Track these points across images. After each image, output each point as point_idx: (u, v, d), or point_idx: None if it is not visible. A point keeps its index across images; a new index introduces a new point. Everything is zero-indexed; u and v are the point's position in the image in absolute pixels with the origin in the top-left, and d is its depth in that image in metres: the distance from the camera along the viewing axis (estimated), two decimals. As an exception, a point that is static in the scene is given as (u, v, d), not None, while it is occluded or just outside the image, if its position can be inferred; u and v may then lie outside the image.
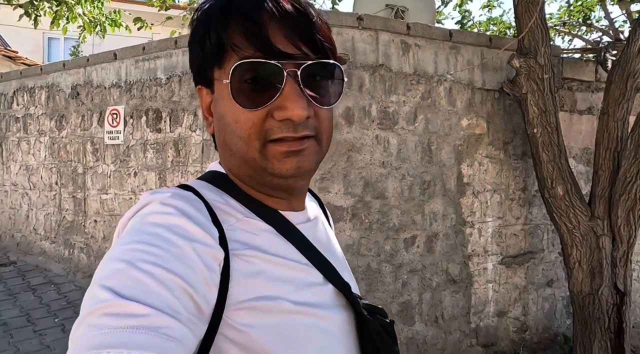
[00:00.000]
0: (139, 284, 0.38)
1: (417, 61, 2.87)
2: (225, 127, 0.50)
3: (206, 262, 0.43)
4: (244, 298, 0.45)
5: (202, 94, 0.53)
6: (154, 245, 0.41)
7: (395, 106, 2.78)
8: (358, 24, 2.70)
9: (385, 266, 2.72)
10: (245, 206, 0.52)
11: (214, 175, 0.55)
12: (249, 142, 0.48)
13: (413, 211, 2.81)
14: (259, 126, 0.47)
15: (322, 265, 0.54)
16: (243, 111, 0.47)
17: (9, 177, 4.62)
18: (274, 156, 0.48)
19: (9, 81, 4.62)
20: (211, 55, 0.49)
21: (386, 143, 2.73)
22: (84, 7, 5.26)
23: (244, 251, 0.47)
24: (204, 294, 0.42)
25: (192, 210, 0.45)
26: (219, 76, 0.49)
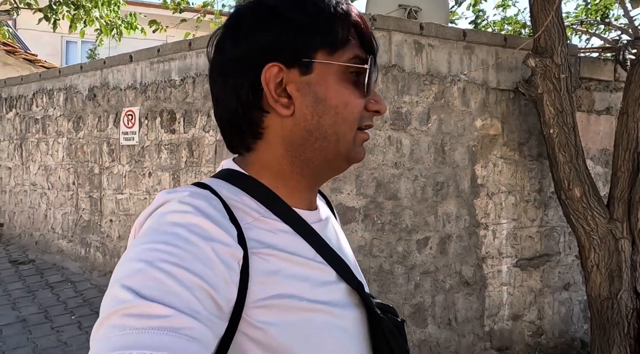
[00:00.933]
0: (159, 284, 0.39)
1: (431, 61, 2.85)
2: (326, 110, 0.51)
3: (225, 262, 0.43)
4: (263, 296, 0.46)
5: (270, 72, 0.50)
6: (173, 245, 0.41)
7: (408, 107, 2.76)
8: (371, 24, 2.70)
9: (398, 267, 2.70)
10: (261, 204, 0.52)
11: (229, 173, 0.54)
12: (352, 125, 0.52)
13: (426, 212, 2.78)
14: (361, 112, 0.53)
15: (336, 263, 0.54)
16: (355, 97, 0.51)
17: (28, 177, 4.73)
18: (358, 142, 0.54)
19: (29, 84, 4.74)
20: (325, 40, 0.50)
21: (399, 144, 2.72)
22: (100, 11, 5.36)
23: (262, 249, 0.48)
24: (223, 293, 0.42)
25: (210, 209, 0.45)
26: (326, 59, 0.51)
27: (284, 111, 0.51)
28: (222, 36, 0.54)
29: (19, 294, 3.52)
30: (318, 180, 0.57)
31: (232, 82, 0.52)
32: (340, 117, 0.51)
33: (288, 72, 0.51)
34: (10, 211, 4.97)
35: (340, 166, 0.55)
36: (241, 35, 0.52)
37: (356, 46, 0.52)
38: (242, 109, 0.52)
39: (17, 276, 3.93)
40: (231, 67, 0.52)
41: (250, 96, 0.51)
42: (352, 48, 0.52)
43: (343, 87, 0.51)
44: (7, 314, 3.19)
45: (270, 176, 0.54)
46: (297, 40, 0.50)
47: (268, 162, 0.54)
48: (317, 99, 0.51)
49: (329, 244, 0.55)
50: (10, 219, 4.98)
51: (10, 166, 4.94)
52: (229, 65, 0.53)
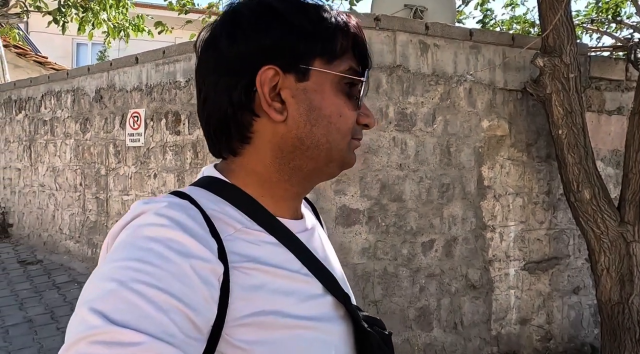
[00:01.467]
0: (131, 307, 0.36)
1: (436, 61, 2.81)
2: (320, 119, 0.50)
3: (204, 279, 0.41)
4: (244, 313, 0.43)
5: (266, 75, 0.48)
6: (148, 262, 0.39)
7: (413, 107, 2.73)
8: (375, 24, 2.67)
9: (403, 270, 2.67)
10: (244, 214, 0.49)
11: (210, 180, 0.52)
12: (345, 135, 0.52)
13: (431, 214, 2.75)
14: (354, 123, 0.52)
15: (322, 275, 0.52)
16: (348, 108, 0.51)
17: (37, 178, 4.78)
18: (352, 148, 0.54)
19: (38, 86, 4.79)
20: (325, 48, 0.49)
21: (403, 145, 2.69)
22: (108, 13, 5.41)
23: (244, 263, 0.45)
24: (203, 313, 0.40)
25: (188, 221, 0.43)
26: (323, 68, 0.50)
27: (277, 116, 0.49)
28: (216, 33, 0.52)
29: (26, 295, 3.56)
30: (306, 187, 0.55)
31: (225, 82, 0.49)
32: (333, 127, 0.51)
33: (284, 76, 0.49)
34: (19, 212, 5.03)
35: (332, 172, 0.54)
36: (239, 33, 0.50)
37: (352, 58, 0.51)
38: (232, 110, 0.49)
39: (25, 276, 3.97)
40: (226, 66, 0.50)
41: (243, 98, 0.49)
42: (348, 59, 0.51)
43: (338, 97, 0.51)
44: (14, 315, 3.22)
45: (255, 183, 0.52)
46: (298, 45, 0.49)
47: (254, 169, 0.51)
48: (312, 107, 0.49)
49: (315, 254, 0.53)
50: (19, 220, 5.04)
51: (20, 167, 5.01)
52: (224, 63, 0.50)
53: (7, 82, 5.63)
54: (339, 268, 0.61)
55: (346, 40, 0.51)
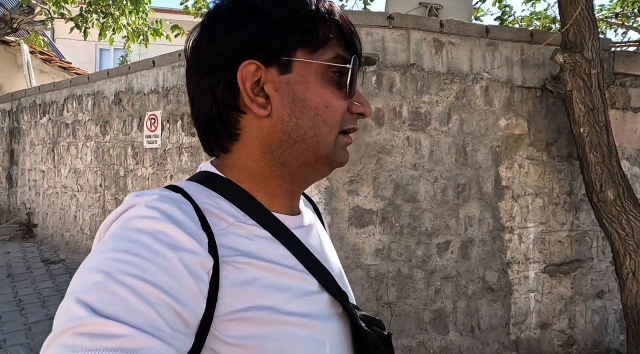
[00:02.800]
0: (117, 299, 0.36)
1: (451, 59, 2.76)
2: (306, 111, 0.48)
3: (193, 272, 0.40)
4: (234, 309, 0.42)
5: (247, 70, 0.47)
6: (136, 254, 0.38)
7: (427, 106, 2.69)
8: (388, 23, 2.64)
9: (417, 271, 2.62)
10: (238, 208, 0.49)
11: (205, 175, 0.51)
12: (333, 128, 0.49)
13: (447, 215, 2.69)
14: (343, 114, 0.50)
15: (318, 272, 0.51)
16: (337, 98, 0.49)
17: (59, 179, 4.93)
18: (341, 145, 0.51)
19: (60, 90, 4.94)
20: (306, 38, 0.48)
21: (418, 145, 2.64)
22: (128, 18, 5.54)
23: (235, 257, 0.44)
24: (190, 307, 0.39)
25: (179, 214, 0.42)
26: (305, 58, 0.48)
27: (261, 111, 0.48)
28: (200, 33, 0.51)
29: (48, 293, 3.66)
30: (299, 184, 0.54)
31: (207, 80, 0.49)
32: (320, 119, 0.48)
33: (266, 70, 0.48)
34: (43, 213, 5.19)
35: (322, 170, 0.52)
36: (218, 31, 0.49)
37: (338, 45, 0.49)
38: (217, 108, 0.49)
39: (48, 275, 4.09)
40: (207, 65, 0.49)
41: (226, 95, 0.48)
42: (333, 47, 0.49)
43: (324, 87, 0.49)
44: (37, 312, 3.32)
45: (249, 179, 0.51)
46: (277, 37, 0.48)
47: (245, 165, 0.51)
48: (296, 99, 0.48)
49: (311, 251, 0.51)
50: (43, 220, 5.20)
51: (44, 169, 5.17)
52: (205, 62, 0.50)
53: (33, 87, 5.82)
54: (338, 267, 0.59)
55: (329, 27, 0.49)
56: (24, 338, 2.93)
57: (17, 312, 3.31)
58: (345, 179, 2.54)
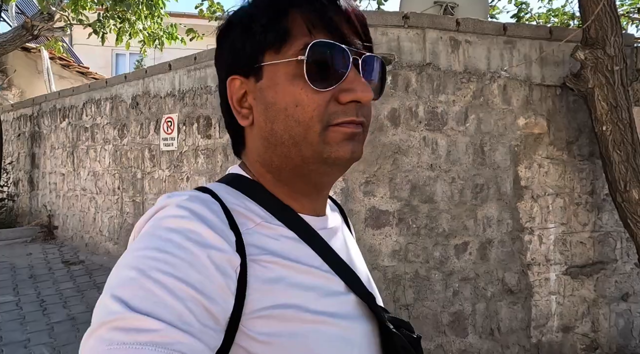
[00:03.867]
0: (150, 295, 0.37)
1: (468, 58, 2.72)
2: (276, 114, 0.47)
3: (222, 269, 0.41)
4: (262, 306, 0.43)
5: (234, 86, 0.50)
6: (167, 252, 0.40)
7: (444, 106, 2.65)
8: (404, 22, 2.62)
9: (435, 273, 2.59)
10: (264, 209, 0.50)
11: (233, 177, 0.53)
12: (309, 125, 0.46)
13: (464, 215, 2.65)
14: (323, 108, 0.46)
15: (344, 273, 0.51)
16: (307, 93, 0.46)
17: (79, 182, 5.02)
18: (334, 138, 0.47)
19: (79, 94, 5.04)
20: (267, 39, 0.47)
21: (434, 145, 2.61)
22: (144, 23, 5.63)
23: (262, 256, 0.45)
24: (219, 303, 0.40)
25: (208, 213, 0.43)
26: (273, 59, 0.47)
27: (243, 122, 0.51)
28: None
29: (69, 294, 3.73)
30: (307, 186, 0.51)
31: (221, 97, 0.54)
32: (291, 120, 0.47)
33: (247, 82, 0.49)
34: (63, 215, 5.30)
35: (320, 169, 0.49)
36: (215, 55, 0.54)
37: (306, 33, 0.46)
38: (227, 119, 0.54)
39: (69, 276, 4.17)
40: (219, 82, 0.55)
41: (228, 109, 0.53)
42: (300, 37, 0.46)
43: (293, 85, 0.46)
44: (59, 312, 3.38)
45: (269, 181, 0.52)
46: (245, 47, 0.49)
47: (258, 170, 0.53)
48: (268, 104, 0.48)
49: (336, 252, 0.51)
50: (63, 222, 5.31)
51: (64, 172, 5.28)
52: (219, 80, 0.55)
53: (52, 92, 5.96)
54: (365, 270, 0.59)
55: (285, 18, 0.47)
56: (47, 337, 2.99)
57: (40, 312, 3.39)
58: (361, 179, 2.53)
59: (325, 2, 0.47)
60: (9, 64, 7.89)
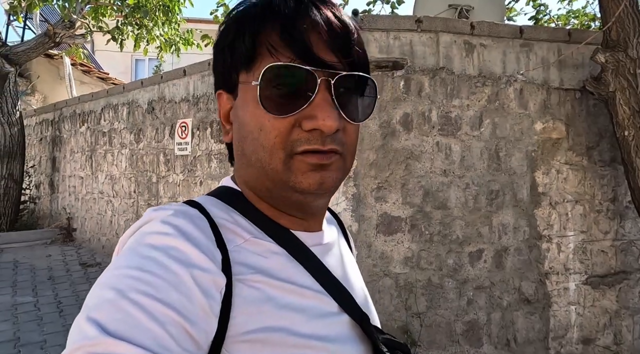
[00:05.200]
0: (128, 317, 0.35)
1: (483, 62, 2.67)
2: (246, 135, 0.46)
3: (205, 290, 0.39)
4: (247, 329, 0.41)
5: (222, 100, 0.50)
6: (148, 271, 0.38)
7: (457, 111, 2.61)
8: (417, 26, 2.59)
9: (448, 281, 2.53)
10: (255, 225, 0.47)
11: (224, 191, 0.51)
12: (272, 152, 0.44)
13: (479, 222, 2.59)
14: (285, 135, 0.44)
15: (337, 293, 0.48)
16: (269, 118, 0.44)
17: (97, 185, 5.13)
18: (299, 168, 0.44)
19: (98, 100, 5.16)
20: (240, 57, 0.46)
21: (448, 150, 2.57)
22: (160, 29, 5.73)
23: (249, 275, 0.43)
24: (202, 326, 0.38)
25: (193, 230, 0.42)
26: (245, 80, 0.46)
27: (225, 137, 0.51)
28: None
29: (85, 296, 3.80)
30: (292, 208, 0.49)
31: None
32: (257, 143, 0.45)
33: (230, 97, 0.49)
34: (82, 217, 5.42)
35: (290, 196, 0.46)
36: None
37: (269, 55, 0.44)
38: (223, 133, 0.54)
39: (85, 278, 4.25)
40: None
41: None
42: (265, 59, 0.44)
43: (259, 108, 0.44)
44: (75, 314, 3.44)
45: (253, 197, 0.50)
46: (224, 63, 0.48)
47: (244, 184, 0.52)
48: (240, 123, 0.47)
49: (330, 270, 0.49)
50: (82, 225, 5.42)
51: (82, 176, 5.40)
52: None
53: (73, 97, 6.11)
54: (361, 288, 0.56)
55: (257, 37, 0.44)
56: (63, 339, 3.04)
57: (57, 314, 3.45)
58: (373, 185, 2.50)
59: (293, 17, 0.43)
60: (32, 71, 8.15)
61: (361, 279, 0.58)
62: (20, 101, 6.04)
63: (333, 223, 0.61)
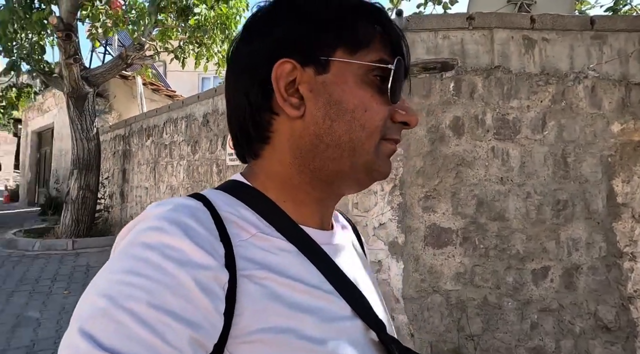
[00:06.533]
0: (122, 328, 0.33)
1: (545, 58, 2.41)
2: (340, 113, 0.45)
3: (207, 289, 0.36)
4: (251, 329, 0.38)
5: (282, 69, 0.45)
6: (142, 275, 0.35)
7: (516, 112, 2.37)
8: (468, 24, 2.42)
9: (508, 301, 2.28)
10: (263, 218, 0.45)
11: (231, 184, 0.49)
12: (372, 133, 0.45)
13: (543, 236, 2.31)
14: (386, 120, 0.46)
15: (351, 295, 0.45)
16: (377, 102, 0.45)
17: (159, 195, 5.43)
18: (384, 153, 0.47)
19: (161, 115, 5.50)
20: (344, 37, 0.45)
21: (505, 155, 2.33)
22: (218, 46, 6.02)
23: (256, 271, 0.40)
24: (205, 328, 0.36)
25: (194, 224, 0.39)
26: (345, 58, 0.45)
27: (293, 112, 0.45)
28: (239, 35, 0.50)
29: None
30: (331, 194, 0.49)
31: (242, 81, 0.48)
32: (357, 123, 0.45)
33: (302, 70, 0.45)
34: (146, 225, 5.76)
35: (360, 179, 0.48)
36: (254, 30, 0.48)
37: (381, 48, 0.46)
38: (250, 110, 0.47)
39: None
40: (242, 65, 0.48)
41: (260, 96, 0.46)
42: (377, 49, 0.46)
43: (363, 90, 0.45)
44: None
45: (275, 187, 0.48)
46: (315, 35, 0.45)
47: (274, 171, 0.48)
48: (332, 101, 0.45)
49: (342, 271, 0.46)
50: (146, 232, 5.76)
51: (147, 186, 5.76)
52: (241, 63, 0.48)
53: (140, 113, 6.60)
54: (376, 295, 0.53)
55: (372, 28, 0.46)
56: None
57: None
58: (420, 194, 2.34)
59: (395, 24, 0.48)
60: (110, 91, 8.98)
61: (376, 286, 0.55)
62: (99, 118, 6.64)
63: (347, 227, 0.59)
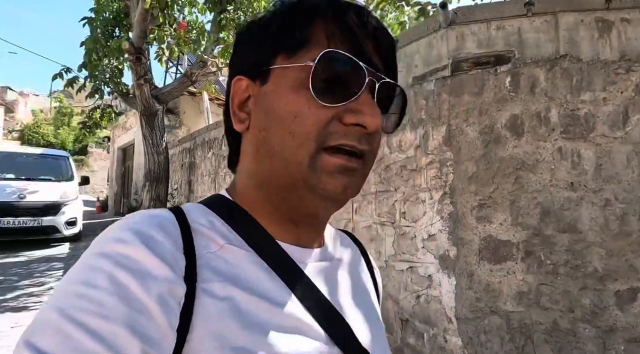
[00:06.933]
0: (69, 341, 0.32)
1: (626, 42, 2.07)
2: (272, 123, 0.43)
3: (161, 302, 0.35)
4: (205, 347, 0.36)
5: (239, 86, 0.46)
6: (94, 286, 0.34)
7: (589, 107, 2.05)
8: (526, 10, 2.16)
9: (584, 327, 1.95)
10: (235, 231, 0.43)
11: (213, 198, 0.48)
12: (303, 142, 0.41)
13: (629, 251, 1.95)
14: (322, 125, 0.41)
15: (327, 319, 0.42)
16: (309, 106, 0.41)
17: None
18: (325, 167, 0.41)
19: (220, 128, 5.73)
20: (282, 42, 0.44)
21: (576, 157, 2.02)
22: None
23: (217, 283, 0.39)
24: (158, 343, 0.34)
25: (157, 234, 0.38)
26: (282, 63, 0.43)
27: (237, 126, 0.46)
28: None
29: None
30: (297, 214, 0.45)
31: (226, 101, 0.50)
32: (286, 131, 0.41)
33: (253, 85, 0.45)
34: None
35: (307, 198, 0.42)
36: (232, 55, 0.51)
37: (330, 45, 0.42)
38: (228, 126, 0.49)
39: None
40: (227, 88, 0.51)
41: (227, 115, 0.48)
42: (317, 46, 0.42)
43: (299, 94, 0.41)
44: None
45: (249, 201, 0.46)
46: (257, 47, 0.46)
47: (244, 186, 0.47)
48: (268, 110, 0.43)
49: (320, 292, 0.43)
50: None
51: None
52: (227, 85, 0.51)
53: (203, 127, 6.96)
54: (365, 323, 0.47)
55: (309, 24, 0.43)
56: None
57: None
58: (473, 202, 2.10)
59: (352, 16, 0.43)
60: (180, 108, 9.63)
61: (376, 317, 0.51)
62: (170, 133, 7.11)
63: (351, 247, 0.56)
